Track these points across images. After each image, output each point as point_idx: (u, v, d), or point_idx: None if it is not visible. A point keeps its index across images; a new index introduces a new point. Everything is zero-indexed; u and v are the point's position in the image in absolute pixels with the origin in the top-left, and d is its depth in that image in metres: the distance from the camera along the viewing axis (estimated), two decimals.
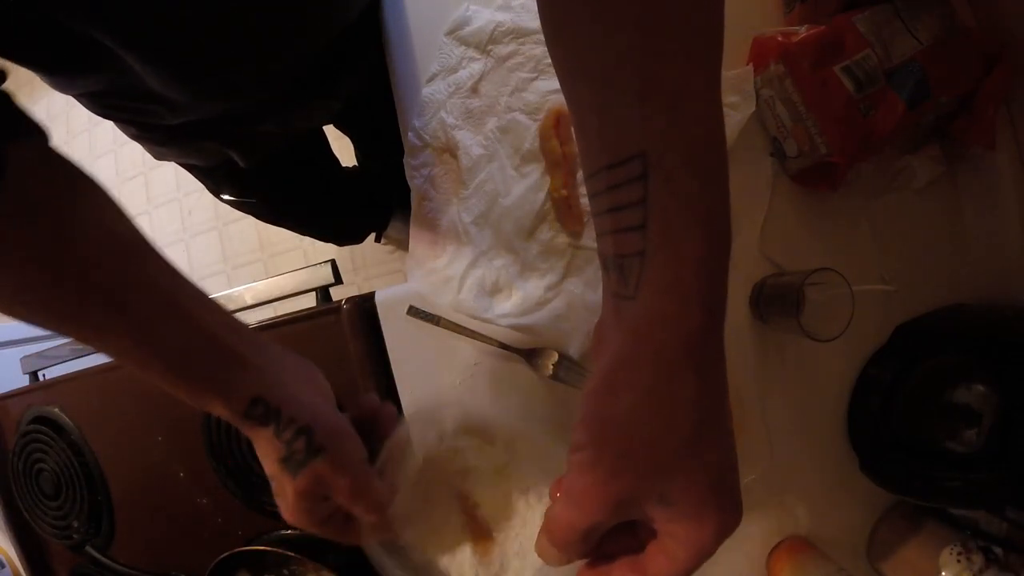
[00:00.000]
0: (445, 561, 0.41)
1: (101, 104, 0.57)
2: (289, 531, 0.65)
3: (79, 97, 0.55)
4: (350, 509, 0.39)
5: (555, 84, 0.58)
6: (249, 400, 0.37)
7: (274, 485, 0.39)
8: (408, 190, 0.62)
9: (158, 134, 0.64)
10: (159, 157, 0.71)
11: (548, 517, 0.27)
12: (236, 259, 1.81)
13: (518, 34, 0.58)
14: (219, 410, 0.37)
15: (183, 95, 0.53)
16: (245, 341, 0.38)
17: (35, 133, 0.35)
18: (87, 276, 0.33)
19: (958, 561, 0.47)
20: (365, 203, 1.14)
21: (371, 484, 0.39)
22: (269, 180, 0.83)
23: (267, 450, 0.38)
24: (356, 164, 1.09)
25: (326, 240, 1.24)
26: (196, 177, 0.82)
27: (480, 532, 0.41)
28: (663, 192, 0.24)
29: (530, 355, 0.56)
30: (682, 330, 0.24)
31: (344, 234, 1.24)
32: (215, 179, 0.82)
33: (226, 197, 0.86)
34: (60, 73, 0.49)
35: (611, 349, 0.25)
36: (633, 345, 0.25)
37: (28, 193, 0.32)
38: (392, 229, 1.41)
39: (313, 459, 0.37)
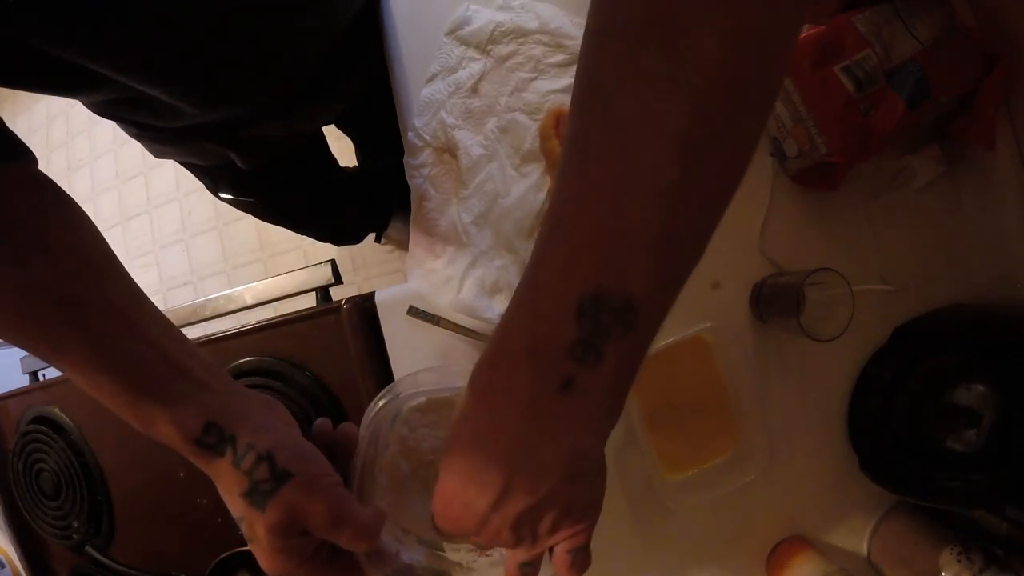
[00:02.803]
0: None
1: (101, 109, 0.57)
2: None
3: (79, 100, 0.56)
4: (334, 540, 0.34)
5: (555, 84, 0.58)
6: (202, 425, 0.33)
7: (244, 528, 0.34)
8: (408, 190, 0.62)
9: (159, 134, 0.64)
10: (160, 155, 0.71)
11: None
12: (236, 259, 1.81)
13: (518, 34, 0.58)
14: (170, 435, 0.33)
15: (182, 104, 0.53)
16: (202, 365, 0.35)
17: (19, 155, 0.35)
18: (49, 294, 0.32)
19: (958, 561, 0.47)
20: (364, 203, 1.14)
21: (351, 507, 0.34)
22: (268, 180, 0.83)
23: (228, 484, 0.34)
24: (356, 164, 1.09)
25: (325, 240, 1.24)
26: (195, 175, 0.82)
27: None
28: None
29: None
30: (519, 345, 0.28)
31: (343, 234, 1.24)
32: (214, 178, 0.82)
33: (224, 196, 0.86)
34: (57, 93, 0.49)
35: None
36: (480, 367, 0.31)
37: (1, 212, 0.32)
38: (392, 229, 1.41)
39: (280, 487, 0.32)
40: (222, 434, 0.33)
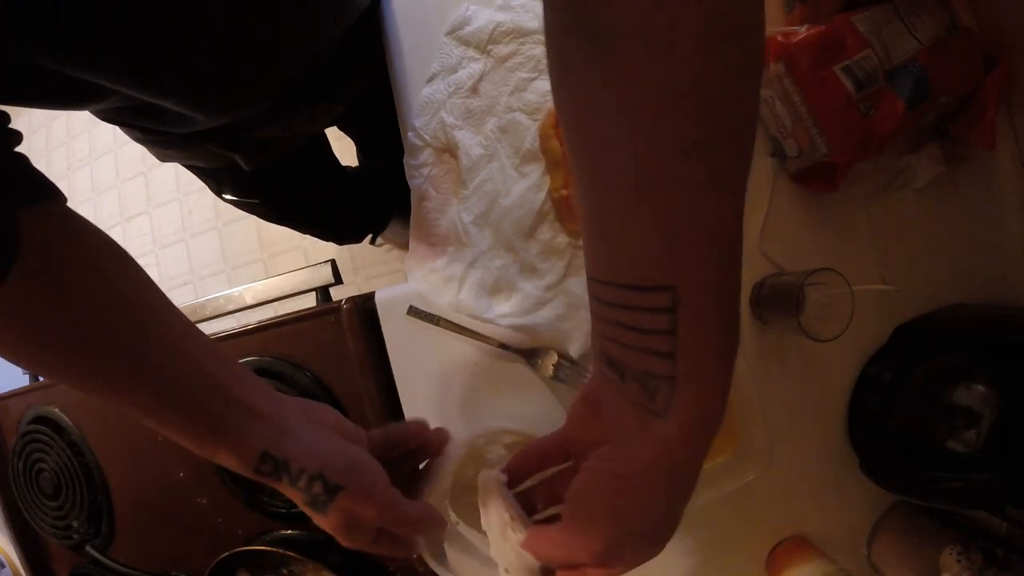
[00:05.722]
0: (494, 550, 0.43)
1: (106, 115, 0.57)
2: (289, 531, 0.65)
3: None
4: (387, 528, 0.40)
5: None
6: (258, 456, 0.37)
7: (326, 528, 0.40)
8: (408, 190, 0.62)
9: (163, 138, 0.65)
10: (164, 159, 0.72)
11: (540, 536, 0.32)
12: (236, 259, 1.81)
13: (518, 34, 0.58)
14: (233, 464, 0.38)
15: (186, 111, 0.53)
16: (253, 391, 0.38)
17: (48, 195, 0.35)
18: (103, 332, 0.35)
19: (958, 561, 0.47)
20: (367, 201, 1.15)
21: (398, 507, 0.39)
22: (271, 181, 0.83)
23: (292, 495, 0.38)
24: (357, 164, 1.09)
25: (328, 239, 1.24)
26: (199, 177, 0.82)
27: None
28: (694, 329, 0.25)
29: (530, 355, 0.56)
30: (702, 450, 0.28)
31: (346, 233, 1.24)
32: (218, 180, 0.82)
33: (228, 197, 0.86)
34: (65, 107, 0.50)
35: (632, 453, 0.29)
36: (660, 458, 0.28)
37: (50, 261, 0.33)
38: (388, 231, 1.41)
39: (334, 498, 0.37)
40: (276, 462, 0.37)
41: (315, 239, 1.72)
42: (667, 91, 0.23)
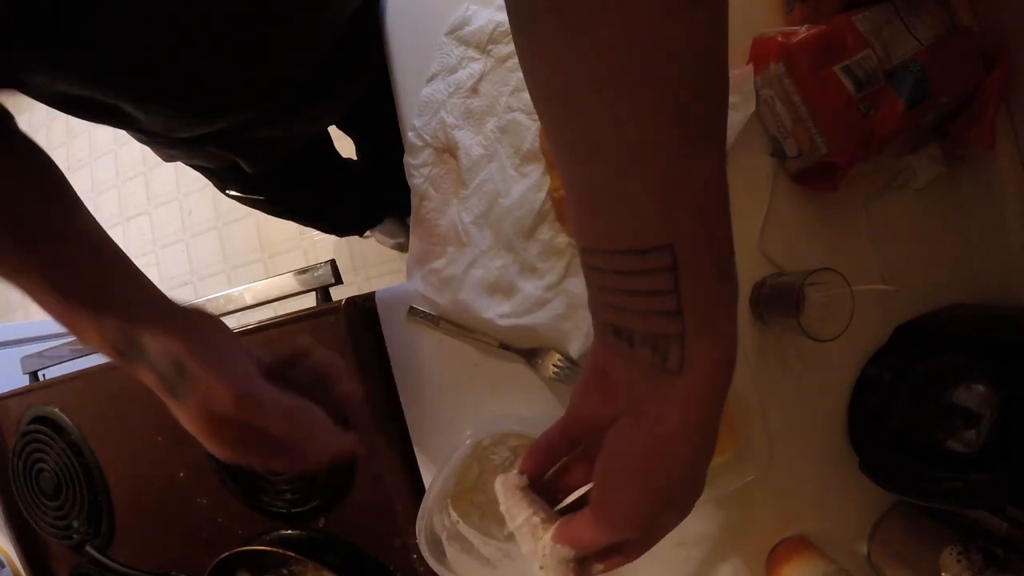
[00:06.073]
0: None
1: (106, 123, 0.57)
2: (289, 531, 0.65)
3: None
4: (250, 420, 0.37)
5: None
6: (121, 336, 0.37)
7: (188, 427, 0.39)
8: (406, 189, 0.62)
9: (166, 140, 0.65)
10: (168, 159, 0.72)
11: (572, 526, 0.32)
12: (236, 259, 1.81)
13: None
14: (96, 343, 0.38)
15: (183, 117, 0.54)
16: (140, 283, 0.41)
17: None
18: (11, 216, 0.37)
19: (958, 561, 0.47)
20: (367, 198, 1.16)
21: (255, 390, 0.37)
22: (275, 179, 0.84)
23: (159, 389, 0.38)
24: (357, 158, 1.10)
25: (330, 232, 1.26)
26: (203, 175, 0.83)
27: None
28: (695, 283, 0.25)
29: (530, 355, 0.56)
30: (721, 400, 0.28)
31: (347, 226, 1.26)
32: (222, 177, 0.82)
33: (232, 193, 0.86)
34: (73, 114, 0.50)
35: (656, 417, 0.28)
36: (686, 416, 0.28)
37: None
38: (382, 227, 1.42)
39: (191, 381, 0.37)
40: (140, 346, 0.37)
41: (315, 240, 1.72)
42: (642, 58, 0.23)
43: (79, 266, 0.39)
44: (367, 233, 1.52)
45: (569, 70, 0.25)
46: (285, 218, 1.03)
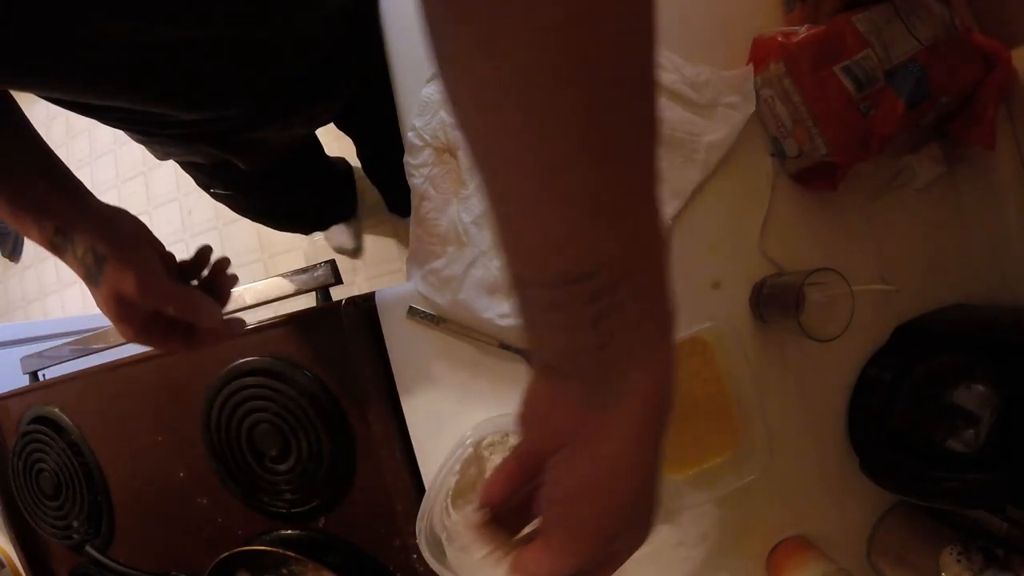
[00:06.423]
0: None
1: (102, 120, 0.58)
2: (289, 531, 0.65)
3: None
4: (152, 306, 0.44)
5: None
6: (54, 229, 0.43)
7: (102, 309, 0.44)
8: (408, 190, 0.62)
9: (159, 139, 0.65)
10: (164, 157, 0.72)
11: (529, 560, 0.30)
12: (236, 259, 1.80)
13: None
14: (35, 237, 0.43)
15: (180, 115, 0.54)
16: (70, 181, 0.45)
17: None
18: None
19: (958, 561, 0.47)
20: (337, 193, 1.17)
21: (157, 280, 0.43)
22: (261, 178, 0.84)
23: (79, 273, 0.43)
24: (342, 157, 1.11)
25: (293, 231, 1.29)
26: (188, 173, 0.83)
27: None
28: (620, 313, 0.24)
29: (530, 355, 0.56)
30: (663, 417, 0.27)
31: (309, 223, 1.32)
32: (209, 175, 0.82)
33: (216, 191, 0.87)
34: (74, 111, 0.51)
35: (591, 453, 0.27)
36: (621, 450, 0.27)
37: None
38: (333, 231, 1.50)
39: (103, 267, 0.42)
40: (66, 235, 0.43)
41: (315, 240, 1.72)
42: (543, 48, 0.21)
43: (28, 178, 0.44)
44: (316, 235, 1.56)
45: (480, 75, 0.22)
46: (249, 217, 1.06)
